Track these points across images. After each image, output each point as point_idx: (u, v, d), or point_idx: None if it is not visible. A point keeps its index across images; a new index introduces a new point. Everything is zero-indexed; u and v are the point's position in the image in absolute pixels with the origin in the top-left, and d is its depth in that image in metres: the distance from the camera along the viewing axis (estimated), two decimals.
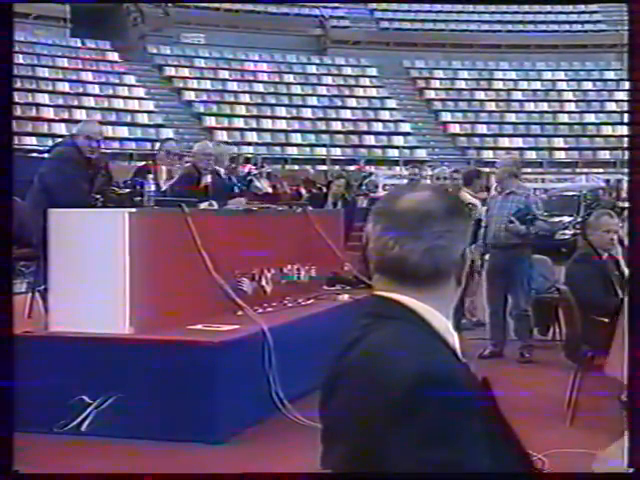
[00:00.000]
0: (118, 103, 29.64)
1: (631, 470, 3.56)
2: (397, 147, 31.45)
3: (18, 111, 24.12)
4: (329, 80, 34.18)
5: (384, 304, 1.60)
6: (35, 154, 20.07)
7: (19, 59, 25.83)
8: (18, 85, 24.62)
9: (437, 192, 1.66)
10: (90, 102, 28.94)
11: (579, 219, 17.73)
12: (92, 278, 5.34)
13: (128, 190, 6.03)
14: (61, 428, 5.10)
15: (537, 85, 35.46)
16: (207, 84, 32.40)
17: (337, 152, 30.36)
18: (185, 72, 32.52)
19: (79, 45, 31.17)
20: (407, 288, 1.59)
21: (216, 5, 33.13)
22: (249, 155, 20.58)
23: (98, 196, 6.00)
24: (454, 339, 1.61)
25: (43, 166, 6.71)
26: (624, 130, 31.73)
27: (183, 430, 5.04)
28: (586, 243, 6.07)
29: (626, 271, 6.15)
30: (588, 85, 35.69)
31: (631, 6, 3.65)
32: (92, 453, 4.80)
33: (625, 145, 30.44)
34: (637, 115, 3.47)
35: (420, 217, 1.58)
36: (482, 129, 33.37)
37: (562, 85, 35.57)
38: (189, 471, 4.46)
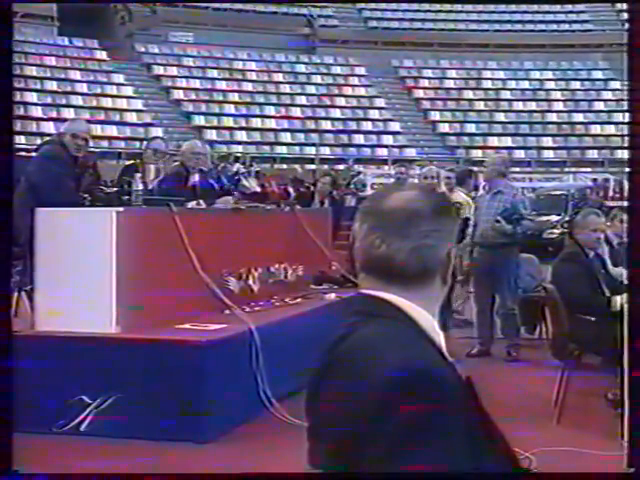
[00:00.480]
0: (106, 102, 29.57)
1: (631, 470, 3.57)
2: (386, 146, 31.48)
3: None
4: (318, 79, 34.18)
5: (371, 302, 1.60)
6: (23, 153, 19.95)
7: None
8: None
9: (424, 191, 1.65)
10: (78, 101, 28.87)
11: (566, 218, 17.78)
12: (79, 277, 5.32)
13: (116, 189, 6.01)
14: (48, 429, 5.08)
15: (525, 84, 35.58)
16: (196, 83, 32.35)
17: (326, 151, 30.37)
18: (173, 71, 32.47)
19: (67, 44, 31.07)
20: (393, 287, 1.59)
21: (204, 4, 33.11)
22: (238, 154, 20.53)
23: (85, 195, 5.98)
24: (440, 338, 1.61)
25: (30, 165, 6.67)
26: (612, 129, 31.94)
27: (170, 429, 5.02)
28: (573, 242, 6.08)
29: (612, 270, 6.18)
30: (576, 85, 35.83)
31: (631, 6, 3.65)
32: (91, 453, 4.76)
33: (612, 144, 30.64)
34: (637, 115, 3.47)
35: (407, 216, 1.57)
36: (471, 128, 33.44)
37: (550, 84, 35.70)
38: (175, 471, 4.44)
